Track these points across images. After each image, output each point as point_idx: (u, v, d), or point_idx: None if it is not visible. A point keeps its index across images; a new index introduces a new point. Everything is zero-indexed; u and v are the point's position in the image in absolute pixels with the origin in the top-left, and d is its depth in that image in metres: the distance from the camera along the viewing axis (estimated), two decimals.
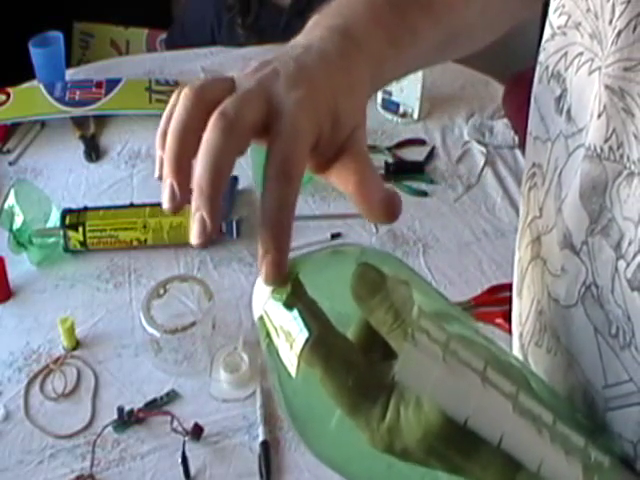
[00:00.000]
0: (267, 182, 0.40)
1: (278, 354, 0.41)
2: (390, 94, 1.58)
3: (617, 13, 0.41)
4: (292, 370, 0.40)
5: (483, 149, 1.51)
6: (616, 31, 0.41)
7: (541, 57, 0.51)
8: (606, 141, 0.41)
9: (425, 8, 0.51)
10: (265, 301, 0.42)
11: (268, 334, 0.41)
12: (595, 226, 0.42)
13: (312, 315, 0.40)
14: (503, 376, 0.39)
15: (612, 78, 0.41)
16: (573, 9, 0.46)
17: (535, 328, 0.51)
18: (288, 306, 0.41)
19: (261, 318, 0.42)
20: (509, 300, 1.21)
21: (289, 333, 0.40)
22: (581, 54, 0.45)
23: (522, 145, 1.51)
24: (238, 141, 0.40)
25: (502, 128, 1.55)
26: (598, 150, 0.42)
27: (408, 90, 1.56)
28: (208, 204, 0.38)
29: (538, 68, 0.51)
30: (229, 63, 1.75)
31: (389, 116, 1.60)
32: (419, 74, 1.53)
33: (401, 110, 1.59)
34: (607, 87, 0.41)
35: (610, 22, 0.42)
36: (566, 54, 0.47)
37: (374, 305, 0.40)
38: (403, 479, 0.42)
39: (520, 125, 1.53)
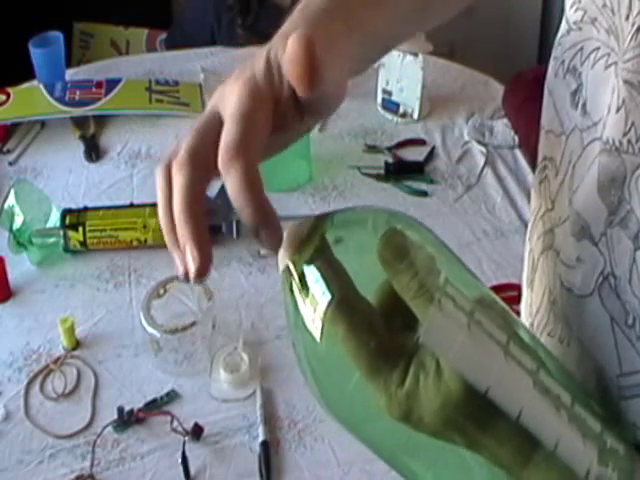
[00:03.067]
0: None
1: (301, 314, 0.41)
2: (390, 94, 1.58)
3: (635, 10, 0.42)
4: (316, 333, 0.40)
5: (483, 149, 1.51)
6: (635, 27, 0.41)
7: (556, 52, 0.51)
8: (625, 135, 0.42)
9: None
10: (291, 254, 0.41)
11: (291, 289, 0.41)
12: (614, 218, 0.42)
13: (336, 275, 0.40)
14: (525, 352, 0.39)
15: (631, 73, 0.41)
16: (589, 4, 0.47)
17: (548, 319, 0.51)
18: (313, 263, 0.41)
19: (285, 271, 0.42)
20: (509, 300, 1.21)
21: (313, 295, 0.40)
22: (597, 49, 0.46)
23: (522, 145, 1.52)
24: (192, 175, 0.42)
25: (502, 128, 1.55)
26: (617, 143, 0.42)
27: (408, 90, 1.56)
28: (189, 240, 0.41)
29: (553, 63, 0.52)
30: (229, 63, 1.75)
31: (389, 116, 1.60)
32: (419, 74, 1.53)
33: (401, 110, 1.59)
34: (626, 82, 0.42)
35: (627, 17, 0.42)
36: (582, 49, 0.48)
37: (400, 270, 0.40)
38: (416, 447, 0.42)
39: (520, 125, 1.53)
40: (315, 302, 0.40)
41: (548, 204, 0.51)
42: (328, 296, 0.40)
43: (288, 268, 0.42)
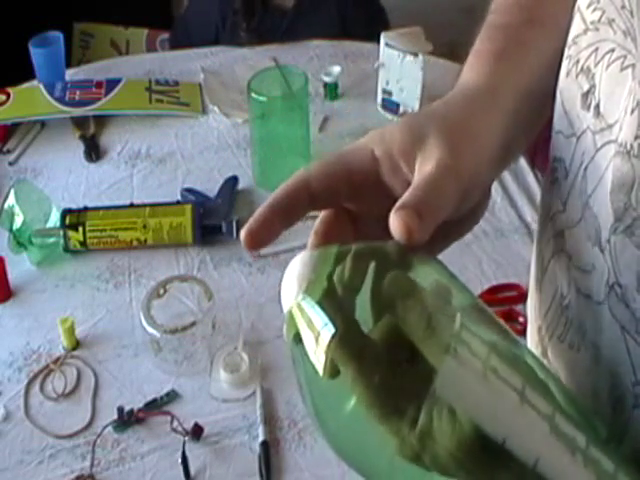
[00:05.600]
0: None
1: (305, 349, 0.41)
2: (390, 94, 1.58)
3: None
4: (319, 367, 0.40)
5: None
6: None
7: (571, 51, 0.50)
8: (636, 138, 0.40)
9: (531, 21, 0.56)
10: (295, 295, 0.42)
11: (297, 331, 0.41)
12: (618, 225, 0.41)
13: (342, 314, 0.40)
14: (540, 394, 0.39)
15: None
16: (607, 5, 0.45)
17: (558, 322, 0.50)
18: (320, 304, 0.41)
19: (290, 312, 0.42)
20: (509, 300, 1.22)
21: (317, 331, 0.40)
22: (612, 51, 0.45)
23: None
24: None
25: None
26: (628, 147, 0.41)
27: (408, 90, 1.56)
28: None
29: (566, 62, 0.50)
30: (229, 63, 1.75)
31: (389, 116, 1.59)
32: (419, 74, 1.52)
33: (401, 110, 1.59)
34: None
35: None
36: (597, 50, 0.46)
37: (408, 307, 0.39)
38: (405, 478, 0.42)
39: None
40: (318, 338, 0.40)
41: (559, 206, 0.50)
42: (330, 332, 0.40)
43: (293, 310, 0.42)
